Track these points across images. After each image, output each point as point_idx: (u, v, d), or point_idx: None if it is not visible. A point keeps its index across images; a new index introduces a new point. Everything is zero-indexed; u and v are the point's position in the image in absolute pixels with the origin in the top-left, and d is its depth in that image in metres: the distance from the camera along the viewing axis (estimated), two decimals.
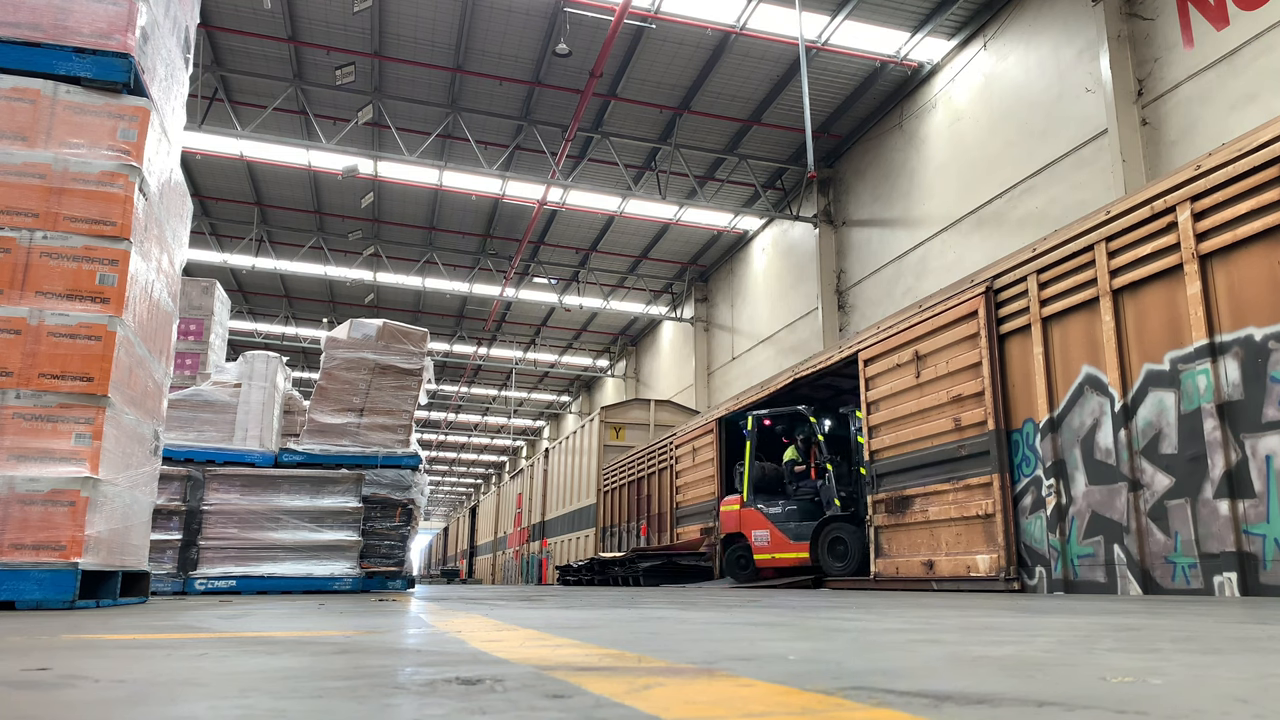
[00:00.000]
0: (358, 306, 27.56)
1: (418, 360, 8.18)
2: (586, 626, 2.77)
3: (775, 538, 10.75)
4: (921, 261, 15.42)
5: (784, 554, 10.67)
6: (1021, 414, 7.00)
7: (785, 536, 10.68)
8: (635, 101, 16.80)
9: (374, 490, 7.89)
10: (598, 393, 35.27)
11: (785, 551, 10.66)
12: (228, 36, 15.09)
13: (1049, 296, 6.71)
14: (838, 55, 15.10)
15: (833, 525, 10.13)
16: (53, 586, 3.63)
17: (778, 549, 10.72)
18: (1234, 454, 5.17)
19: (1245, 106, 9.64)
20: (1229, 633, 2.32)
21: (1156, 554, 5.68)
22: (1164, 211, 5.68)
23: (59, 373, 3.85)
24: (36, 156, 4.05)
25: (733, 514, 11.46)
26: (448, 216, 21.87)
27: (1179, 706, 1.09)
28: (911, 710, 1.07)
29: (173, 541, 6.95)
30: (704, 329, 24.97)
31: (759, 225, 21.68)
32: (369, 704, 1.13)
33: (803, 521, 10.65)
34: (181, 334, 9.09)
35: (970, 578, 7.27)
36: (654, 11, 14.07)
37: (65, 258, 3.97)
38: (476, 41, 15.11)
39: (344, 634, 2.43)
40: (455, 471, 58.14)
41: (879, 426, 8.71)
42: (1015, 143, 13.24)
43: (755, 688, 1.28)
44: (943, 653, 1.82)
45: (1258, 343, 5.07)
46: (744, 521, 11.21)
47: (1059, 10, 12.44)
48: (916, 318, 8.24)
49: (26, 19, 4.14)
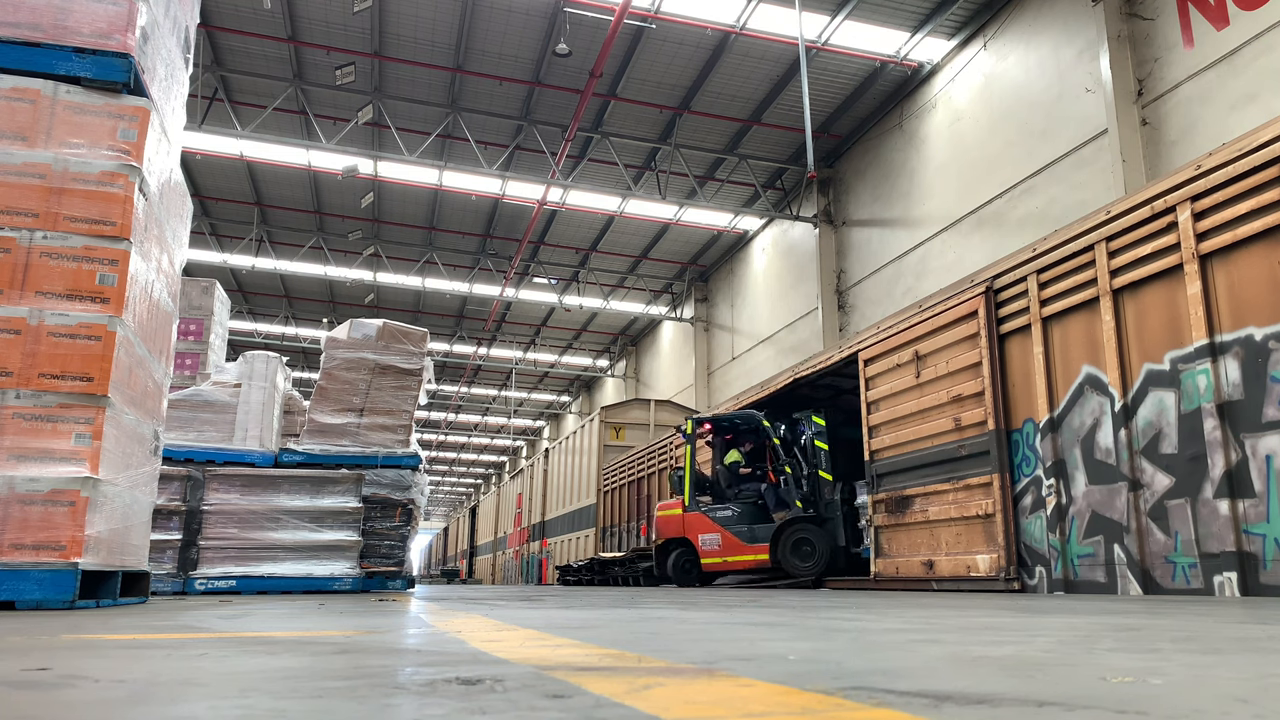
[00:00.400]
0: (358, 306, 27.56)
1: (418, 360, 8.18)
2: (586, 626, 2.77)
3: (727, 541, 10.73)
4: (921, 261, 15.42)
5: (738, 557, 10.66)
6: (1021, 414, 7.00)
7: (739, 539, 10.67)
8: (635, 101, 16.80)
9: (374, 490, 7.89)
10: (598, 393, 35.27)
11: (740, 554, 10.65)
12: (228, 36, 15.09)
13: (1049, 296, 6.71)
14: (838, 55, 15.10)
15: (796, 526, 10.25)
16: (53, 586, 3.63)
17: (730, 552, 10.69)
18: (1234, 454, 5.17)
19: (1245, 106, 9.64)
20: (1229, 633, 2.32)
21: (1156, 554, 5.68)
22: (1164, 211, 5.68)
23: (59, 373, 3.85)
24: (36, 156, 4.05)
25: (674, 519, 11.30)
26: (448, 216, 21.87)
27: (1179, 706, 1.09)
28: (911, 710, 1.07)
29: (173, 541, 6.94)
30: (704, 329, 24.97)
31: (759, 225, 21.68)
32: (369, 704, 1.13)
33: (756, 524, 10.70)
34: (181, 334, 9.09)
35: (970, 577, 7.27)
36: (654, 11, 14.07)
37: (65, 258, 3.97)
38: (476, 41, 15.11)
39: (344, 634, 2.43)
40: (455, 471, 58.14)
41: (879, 426, 8.71)
42: (1015, 143, 13.24)
43: (755, 688, 1.28)
44: (943, 653, 1.82)
45: (1258, 342, 5.07)
46: (688, 526, 11.09)
47: (1059, 10, 12.44)
48: (917, 318, 8.24)
49: (26, 19, 4.14)
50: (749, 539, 10.58)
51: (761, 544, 10.43)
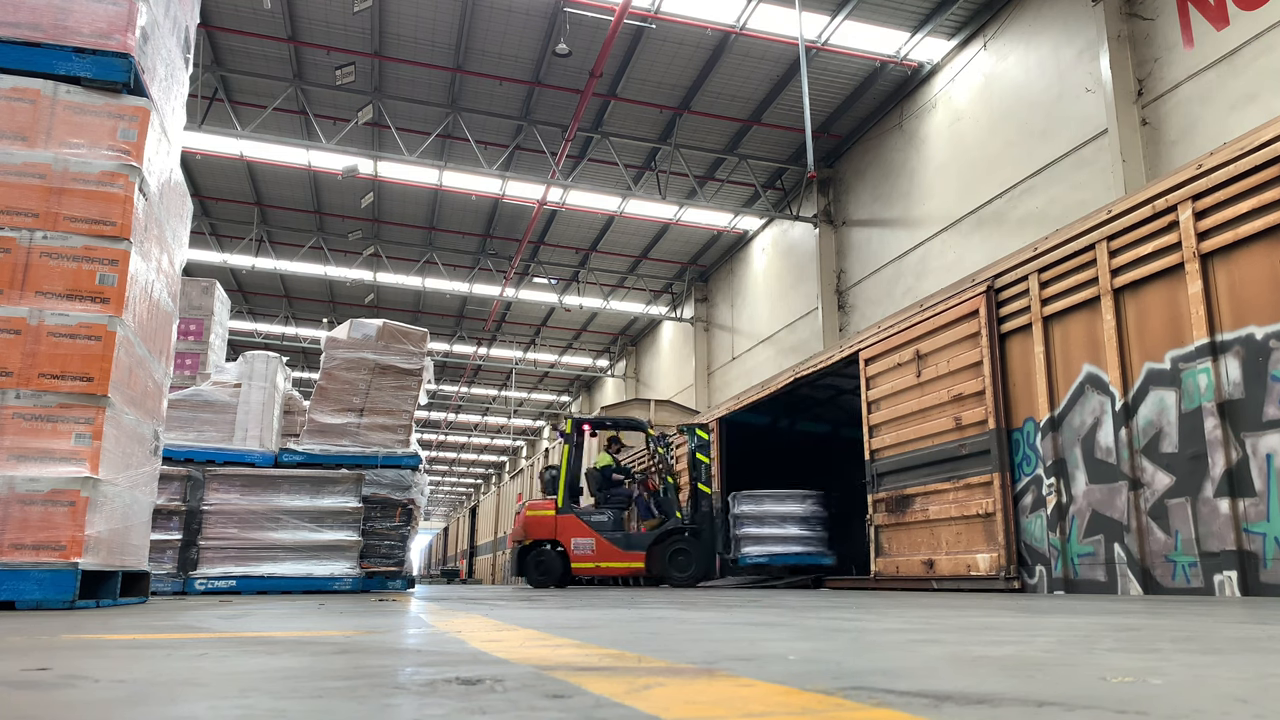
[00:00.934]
0: (358, 306, 27.55)
1: (418, 360, 8.18)
2: (586, 626, 2.77)
3: (601, 546, 10.90)
4: (921, 261, 15.41)
5: (611, 563, 10.89)
6: (1022, 413, 7.00)
7: (614, 545, 10.87)
8: (635, 101, 16.80)
9: (374, 490, 7.89)
10: (598, 393, 35.26)
11: (613, 560, 10.89)
12: (228, 36, 15.09)
13: (1050, 296, 6.71)
14: (838, 55, 15.10)
15: (674, 537, 10.78)
16: (53, 586, 3.63)
17: (604, 558, 10.89)
18: (1234, 453, 5.17)
19: (1245, 106, 9.64)
20: (1229, 633, 2.32)
21: (1157, 553, 5.68)
22: (1165, 211, 5.68)
23: (59, 373, 3.85)
24: (36, 156, 4.05)
25: (545, 520, 11.22)
26: (448, 216, 21.87)
27: (1179, 706, 1.09)
28: (911, 710, 1.06)
29: (173, 541, 6.95)
30: (704, 329, 24.97)
31: (759, 225, 21.67)
32: (369, 704, 1.13)
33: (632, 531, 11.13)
34: (181, 334, 9.09)
35: (970, 577, 7.27)
36: (654, 11, 14.07)
37: (65, 258, 3.97)
38: (476, 41, 15.11)
39: (344, 634, 2.43)
40: (455, 471, 58.14)
41: (879, 426, 8.71)
42: (1015, 143, 13.24)
43: (755, 688, 1.28)
44: (943, 652, 1.82)
45: (1259, 341, 5.07)
46: (560, 528, 11.08)
47: (1059, 10, 12.44)
48: (917, 317, 8.24)
49: (26, 19, 4.14)
50: (625, 546, 10.87)
51: (637, 552, 10.77)
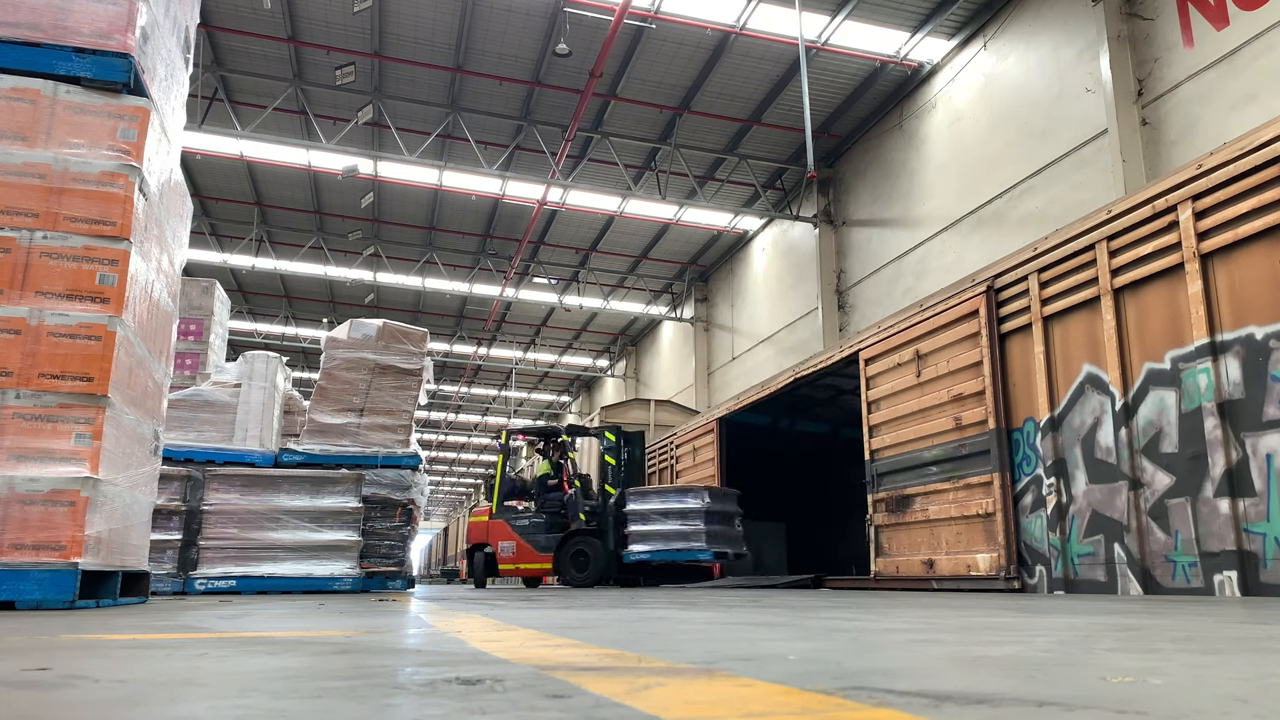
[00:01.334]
0: (358, 306, 27.54)
1: (418, 360, 8.18)
2: (586, 626, 2.77)
3: (521, 549, 11.54)
4: (921, 261, 15.41)
5: (527, 564, 11.54)
6: (1022, 413, 7.00)
7: (531, 548, 11.49)
8: (635, 101, 16.80)
9: (374, 490, 7.89)
10: (598, 393, 35.26)
11: (530, 562, 11.52)
12: (228, 36, 15.09)
13: (1050, 295, 6.71)
14: (837, 55, 15.10)
15: (577, 539, 11.23)
16: (53, 586, 3.63)
17: (522, 559, 11.53)
18: (1234, 453, 5.17)
19: (1245, 106, 9.64)
20: (1229, 633, 2.32)
21: (1157, 553, 5.68)
22: (1165, 210, 5.68)
23: (59, 373, 3.85)
24: (36, 156, 4.05)
25: (480, 525, 12.04)
26: (448, 216, 21.86)
27: (1179, 706, 1.09)
28: (911, 710, 1.06)
29: (173, 541, 6.95)
30: (704, 329, 24.96)
31: (759, 225, 21.67)
32: (369, 704, 1.13)
33: (549, 534, 11.55)
34: (181, 334, 9.08)
35: (970, 577, 7.27)
36: (654, 11, 14.07)
37: (65, 258, 3.97)
38: (476, 41, 15.11)
39: (344, 634, 2.43)
40: (455, 471, 58.12)
41: (879, 426, 8.71)
42: (1015, 143, 13.23)
43: (755, 688, 1.28)
44: (943, 652, 1.82)
45: (1259, 341, 5.07)
46: (491, 533, 11.81)
47: (1059, 10, 12.44)
48: (917, 317, 8.24)
49: (26, 19, 4.14)
50: (540, 548, 11.44)
51: (547, 554, 11.32)
